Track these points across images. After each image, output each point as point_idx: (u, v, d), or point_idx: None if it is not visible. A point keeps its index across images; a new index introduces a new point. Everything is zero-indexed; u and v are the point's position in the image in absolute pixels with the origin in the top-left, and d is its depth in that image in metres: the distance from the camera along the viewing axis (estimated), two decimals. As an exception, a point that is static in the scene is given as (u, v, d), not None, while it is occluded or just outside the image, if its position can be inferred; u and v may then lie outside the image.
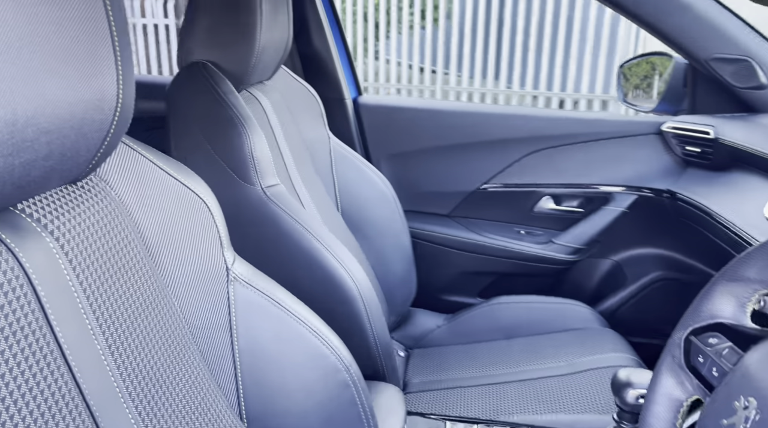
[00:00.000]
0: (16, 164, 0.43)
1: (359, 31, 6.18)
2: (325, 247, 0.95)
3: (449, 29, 6.02)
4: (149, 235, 0.64)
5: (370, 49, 6.19)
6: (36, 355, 0.47)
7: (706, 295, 0.53)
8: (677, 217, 1.35)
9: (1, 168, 0.42)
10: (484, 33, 5.84)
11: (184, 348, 0.65)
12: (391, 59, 6.11)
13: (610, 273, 1.56)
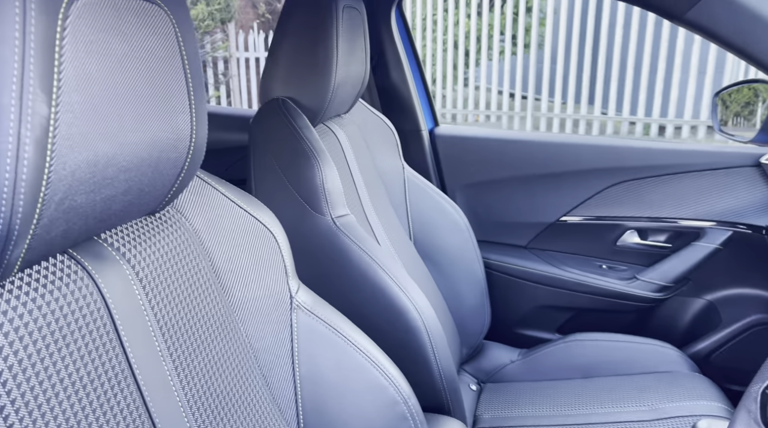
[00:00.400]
0: (98, 200, 0.49)
1: (449, 59, 6.24)
2: (391, 277, 0.96)
3: (541, 54, 5.94)
4: (219, 263, 0.69)
5: (459, 76, 6.22)
6: (108, 373, 0.52)
7: None
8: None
9: (84, 203, 0.47)
10: (578, 57, 5.70)
11: (248, 372, 0.68)
12: (481, 86, 6.10)
13: (703, 314, 1.45)
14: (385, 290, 0.95)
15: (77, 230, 0.49)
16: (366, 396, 0.75)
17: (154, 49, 0.51)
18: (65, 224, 0.46)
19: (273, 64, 1.04)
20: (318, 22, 1.00)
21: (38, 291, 0.48)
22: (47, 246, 0.46)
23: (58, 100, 0.41)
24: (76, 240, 0.51)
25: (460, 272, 1.39)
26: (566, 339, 1.38)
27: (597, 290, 1.46)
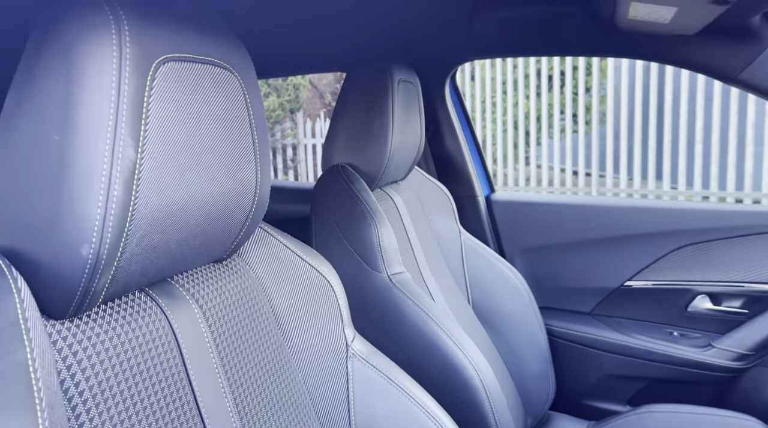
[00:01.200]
0: (172, 241, 0.54)
1: (509, 139, 6.33)
2: (446, 332, 0.97)
3: (603, 131, 5.93)
4: (279, 309, 0.73)
5: (520, 155, 6.28)
6: (175, 403, 0.55)
7: None
8: None
9: (159, 243, 0.53)
10: (642, 132, 5.65)
11: (305, 416, 0.70)
12: (543, 164, 6.11)
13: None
14: (441, 346, 0.96)
15: (153, 269, 0.54)
16: None
17: (226, 109, 0.58)
18: (143, 261, 0.52)
19: (334, 134, 1.12)
20: (375, 95, 1.08)
21: (118, 322, 0.53)
22: (127, 281, 0.52)
23: (144, 148, 0.48)
24: (151, 279, 0.56)
25: (521, 338, 1.37)
26: (638, 410, 1.30)
27: (669, 359, 1.38)
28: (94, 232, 0.44)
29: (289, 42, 1.37)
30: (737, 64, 1.13)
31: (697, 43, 1.12)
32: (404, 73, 1.15)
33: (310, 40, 1.35)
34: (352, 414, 0.74)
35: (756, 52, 1.10)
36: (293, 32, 1.30)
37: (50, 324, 0.47)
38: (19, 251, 0.45)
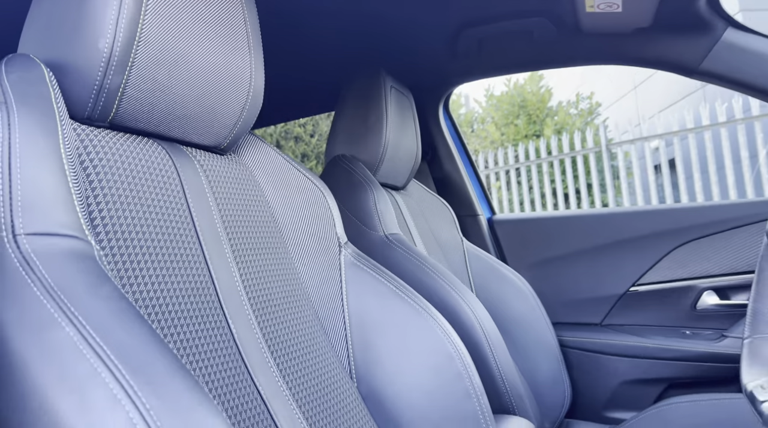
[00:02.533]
0: (176, 96, 0.63)
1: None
2: (447, 283, 1.00)
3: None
4: (275, 207, 0.80)
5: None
6: (181, 237, 0.62)
7: None
8: None
9: (165, 87, 0.61)
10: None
11: (301, 299, 0.75)
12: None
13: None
14: (438, 291, 0.99)
15: (159, 114, 0.62)
16: (411, 331, 0.77)
17: (222, 6, 0.69)
18: (151, 96, 0.60)
19: (335, 131, 1.24)
20: (369, 93, 1.22)
21: (133, 148, 0.61)
22: (137, 112, 0.60)
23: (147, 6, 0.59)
24: (160, 128, 0.64)
25: (531, 340, 1.37)
26: (658, 405, 1.26)
27: (685, 355, 1.36)
28: (108, 29, 0.54)
29: (285, 87, 1.54)
30: (695, 55, 1.26)
31: (655, 39, 1.27)
32: (397, 84, 1.30)
33: (301, 84, 1.52)
34: (345, 307, 0.78)
35: (711, 42, 1.23)
36: (288, 77, 1.47)
37: (77, 124, 0.56)
38: (53, 61, 0.55)
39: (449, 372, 0.75)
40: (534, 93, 7.94)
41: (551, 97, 7.97)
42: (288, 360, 0.67)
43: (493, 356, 0.96)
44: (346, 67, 1.37)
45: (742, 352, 0.69)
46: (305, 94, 1.61)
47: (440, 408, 0.74)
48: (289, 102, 1.66)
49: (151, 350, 0.38)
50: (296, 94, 1.61)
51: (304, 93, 1.60)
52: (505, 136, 8.05)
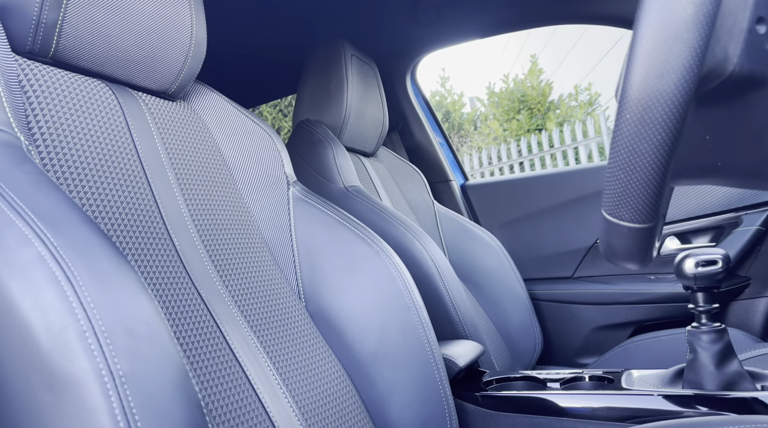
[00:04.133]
0: (116, 34, 0.70)
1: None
2: (403, 226, 1.07)
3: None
4: (223, 148, 0.87)
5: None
6: (124, 166, 0.69)
7: None
8: None
9: (104, 25, 0.70)
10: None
11: (252, 234, 0.82)
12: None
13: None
14: (394, 233, 1.06)
15: (101, 54, 0.68)
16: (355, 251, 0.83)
17: None
18: (91, 33, 0.67)
19: (300, 97, 1.33)
20: (330, 61, 1.30)
21: (77, 81, 0.67)
22: (78, 47, 0.66)
23: None
24: (104, 68, 0.71)
25: (502, 291, 1.43)
26: (623, 344, 1.32)
27: (650, 298, 1.41)
28: None
29: (255, 65, 1.62)
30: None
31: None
32: (359, 53, 1.38)
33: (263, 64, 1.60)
34: (293, 236, 0.85)
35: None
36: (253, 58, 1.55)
37: (19, 56, 0.64)
38: None
39: (390, 287, 0.82)
40: (534, 87, 7.99)
41: (551, 90, 8.00)
42: (234, 276, 0.75)
43: (446, 289, 1.03)
44: (312, 42, 1.46)
45: None
46: (278, 73, 1.69)
47: (381, 319, 0.81)
48: (262, 81, 1.74)
49: (73, 216, 0.46)
50: (267, 73, 1.69)
51: (275, 72, 1.68)
52: (508, 131, 8.09)
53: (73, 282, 0.40)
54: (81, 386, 0.38)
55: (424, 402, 0.79)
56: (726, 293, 1.36)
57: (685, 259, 0.79)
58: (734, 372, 0.75)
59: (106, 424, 0.38)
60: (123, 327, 0.40)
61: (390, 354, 0.80)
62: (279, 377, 0.69)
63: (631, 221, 0.42)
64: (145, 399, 0.39)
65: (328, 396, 0.74)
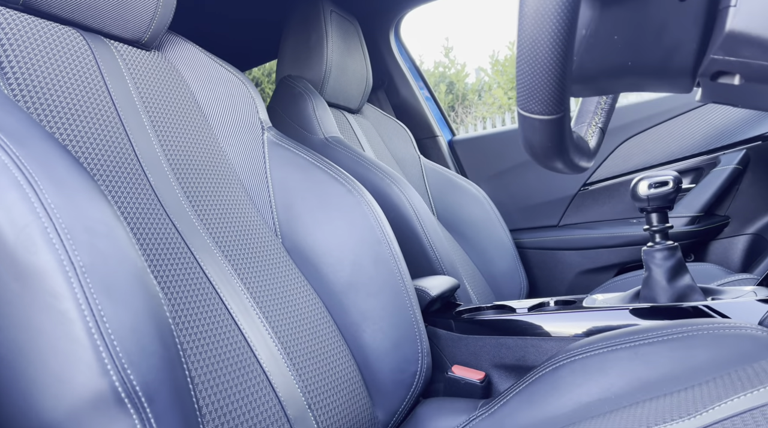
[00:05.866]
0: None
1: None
2: (381, 172, 1.11)
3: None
4: (198, 96, 0.91)
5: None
6: (98, 111, 0.73)
7: None
8: None
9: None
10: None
11: (229, 179, 0.87)
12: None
13: (753, 247, 1.38)
14: (372, 179, 1.10)
15: (72, 0, 0.73)
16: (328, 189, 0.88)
17: None
18: None
19: (282, 54, 1.36)
20: (309, 17, 1.33)
21: (49, 28, 0.71)
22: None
23: None
24: (76, 15, 0.74)
25: (487, 240, 1.47)
26: (605, 285, 1.36)
27: (631, 240, 1.45)
28: None
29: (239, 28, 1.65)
30: None
31: None
32: (339, 9, 1.41)
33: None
34: (268, 177, 0.90)
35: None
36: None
37: None
38: None
39: (362, 223, 0.87)
40: (537, 53, 7.89)
41: (555, 56, 7.90)
42: (209, 212, 0.79)
43: (423, 230, 1.07)
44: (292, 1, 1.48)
45: None
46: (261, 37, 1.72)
47: (354, 252, 0.86)
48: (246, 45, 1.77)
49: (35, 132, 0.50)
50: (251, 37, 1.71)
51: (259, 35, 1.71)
52: (512, 99, 8.04)
53: (34, 186, 0.45)
54: (45, 275, 0.43)
55: (395, 326, 0.84)
56: (705, 233, 1.39)
57: (639, 182, 0.82)
58: (685, 285, 0.79)
59: (71, 308, 0.43)
60: (82, 226, 0.45)
61: (363, 284, 0.85)
62: (253, 301, 0.74)
63: (539, 113, 0.46)
64: (105, 287, 0.44)
65: (303, 321, 0.79)
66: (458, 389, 0.86)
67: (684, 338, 0.67)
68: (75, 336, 0.42)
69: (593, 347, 0.71)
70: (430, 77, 7.68)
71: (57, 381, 0.43)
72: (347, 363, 0.80)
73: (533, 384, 0.72)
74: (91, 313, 0.43)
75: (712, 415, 0.47)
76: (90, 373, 0.42)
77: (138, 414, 0.43)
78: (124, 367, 0.43)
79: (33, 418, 0.44)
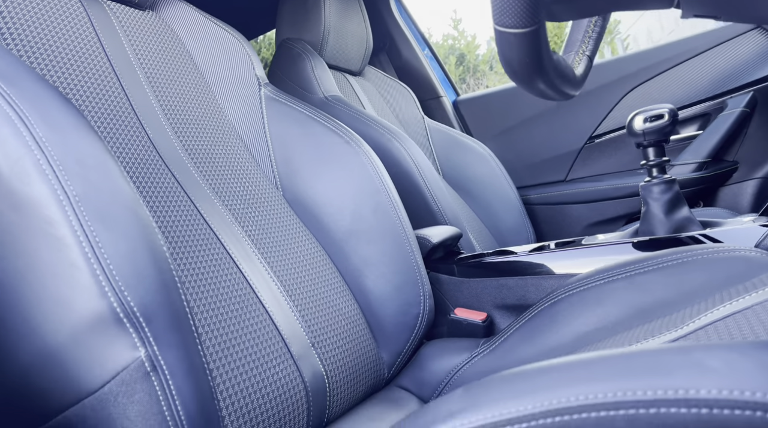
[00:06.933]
0: None
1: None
2: (381, 128, 1.12)
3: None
4: (194, 54, 0.92)
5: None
6: (97, 72, 0.74)
7: None
8: None
9: None
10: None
11: (219, 120, 0.88)
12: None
13: (762, 193, 1.36)
14: (372, 134, 1.11)
15: None
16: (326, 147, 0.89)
17: None
18: None
19: (280, 18, 1.36)
20: None
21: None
22: None
23: None
24: None
25: (494, 197, 1.48)
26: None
27: (637, 190, 1.44)
28: None
29: None
30: None
31: None
32: None
33: None
34: (266, 131, 0.91)
35: None
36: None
37: None
38: None
39: (360, 173, 0.88)
40: (548, 20, 7.77)
41: (567, 21, 7.77)
42: (209, 165, 0.81)
43: (425, 183, 1.07)
44: None
45: None
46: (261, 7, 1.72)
47: (353, 202, 0.87)
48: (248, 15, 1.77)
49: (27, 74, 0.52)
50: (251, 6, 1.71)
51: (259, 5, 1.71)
52: (524, 68, 7.92)
53: (25, 121, 0.46)
54: (40, 205, 0.45)
55: (397, 271, 0.85)
56: (714, 178, 1.38)
57: (635, 117, 0.82)
58: (683, 218, 0.79)
59: (67, 234, 0.45)
60: (74, 158, 0.47)
61: (363, 232, 0.86)
62: (254, 246, 0.76)
63: (513, 26, 0.46)
64: (99, 215, 0.46)
65: (305, 266, 0.81)
66: (461, 330, 0.88)
67: (678, 264, 0.67)
68: (72, 260, 0.44)
69: (590, 280, 0.72)
70: (439, 50, 7.59)
71: (57, 304, 0.45)
72: (350, 307, 0.82)
73: (533, 320, 0.73)
74: (86, 239, 0.45)
75: (697, 324, 0.48)
76: (89, 295, 0.44)
77: (137, 333, 0.45)
78: (121, 289, 0.45)
79: (37, 342, 0.46)
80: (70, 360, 0.45)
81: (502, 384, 0.36)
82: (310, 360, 0.70)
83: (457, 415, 0.35)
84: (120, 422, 0.46)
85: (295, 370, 0.67)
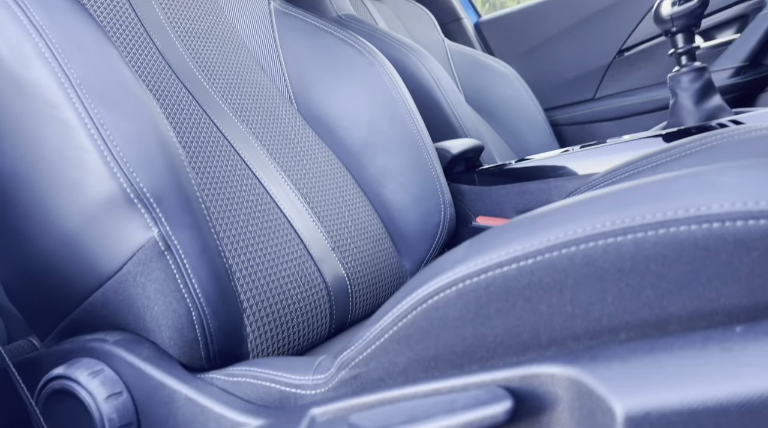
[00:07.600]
0: None
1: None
2: (399, 44, 1.08)
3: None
4: None
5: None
6: (124, 23, 0.73)
7: None
8: None
9: None
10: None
11: (230, 36, 0.86)
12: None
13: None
14: (390, 51, 1.08)
15: None
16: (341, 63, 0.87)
17: None
18: None
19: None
20: None
21: None
22: None
23: None
24: None
25: (519, 118, 1.44)
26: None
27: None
28: None
29: None
30: None
31: None
32: None
33: None
34: (278, 50, 0.89)
35: None
36: None
37: None
38: None
39: (375, 83, 0.86)
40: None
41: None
42: (221, 79, 0.80)
43: (445, 98, 1.05)
44: None
45: None
46: None
47: (369, 113, 0.85)
48: None
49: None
50: None
51: None
52: None
53: (22, 6, 0.46)
54: (42, 88, 0.45)
55: (416, 181, 0.84)
56: (752, 84, 1.31)
57: (662, 2, 0.77)
58: (714, 106, 0.76)
59: (71, 117, 0.45)
60: (73, 43, 0.47)
61: (380, 142, 0.85)
62: (270, 156, 0.76)
63: None
64: (102, 99, 0.46)
65: (323, 176, 0.80)
66: (484, 237, 0.87)
67: (706, 149, 0.64)
68: (79, 142, 0.45)
69: (615, 174, 0.69)
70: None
71: (68, 188, 0.46)
72: (370, 216, 0.82)
73: None
74: (91, 121, 0.45)
75: None
76: (98, 176, 0.45)
77: (149, 213, 0.45)
78: (129, 171, 0.45)
79: (56, 228, 0.47)
80: (88, 243, 0.46)
81: (506, 229, 0.35)
82: (331, 263, 0.70)
83: (462, 261, 0.34)
84: (141, 301, 0.47)
85: (316, 270, 0.67)
